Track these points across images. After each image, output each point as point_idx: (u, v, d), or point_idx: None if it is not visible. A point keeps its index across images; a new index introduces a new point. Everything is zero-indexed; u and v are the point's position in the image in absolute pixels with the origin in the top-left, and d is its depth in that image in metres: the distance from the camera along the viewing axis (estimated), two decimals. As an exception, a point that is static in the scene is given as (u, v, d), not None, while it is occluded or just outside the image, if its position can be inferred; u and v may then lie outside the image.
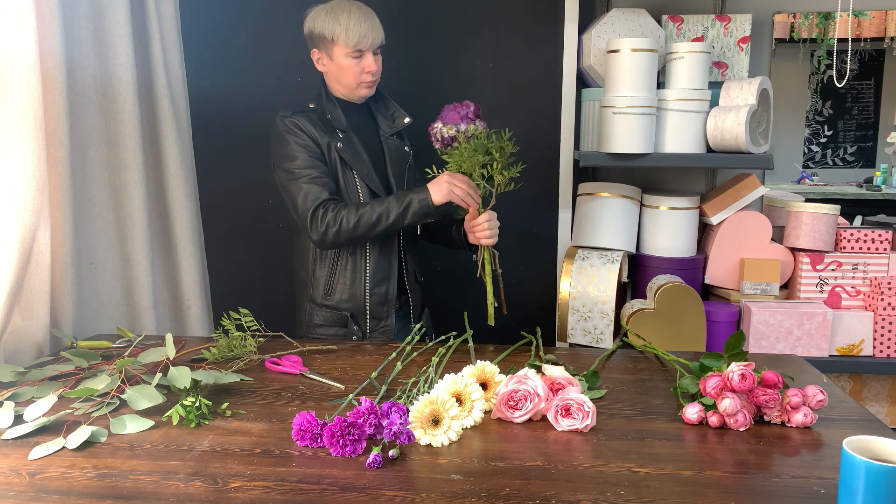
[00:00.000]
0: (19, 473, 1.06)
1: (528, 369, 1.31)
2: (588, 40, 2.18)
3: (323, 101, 1.85)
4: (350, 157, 1.82)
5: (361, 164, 1.83)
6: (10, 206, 1.49)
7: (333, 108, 1.85)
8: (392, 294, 1.89)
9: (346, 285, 1.86)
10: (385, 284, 1.88)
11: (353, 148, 1.84)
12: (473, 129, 1.69)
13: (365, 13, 1.80)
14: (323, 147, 1.81)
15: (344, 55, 1.80)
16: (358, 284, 1.86)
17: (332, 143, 1.81)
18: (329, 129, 1.83)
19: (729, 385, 1.22)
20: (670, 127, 2.07)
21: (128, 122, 1.86)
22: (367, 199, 1.81)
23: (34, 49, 1.49)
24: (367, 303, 1.87)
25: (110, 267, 1.90)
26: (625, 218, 2.20)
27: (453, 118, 1.69)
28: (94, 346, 1.64)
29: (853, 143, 2.38)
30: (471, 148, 1.67)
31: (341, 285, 1.87)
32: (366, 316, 1.88)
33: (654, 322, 2.01)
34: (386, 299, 1.89)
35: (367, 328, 1.88)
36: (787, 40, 2.32)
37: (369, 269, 1.86)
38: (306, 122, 1.81)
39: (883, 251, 2.13)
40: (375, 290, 1.87)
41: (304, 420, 1.15)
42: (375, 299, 1.87)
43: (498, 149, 1.67)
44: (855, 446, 0.92)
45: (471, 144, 1.68)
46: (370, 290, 1.86)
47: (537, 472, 1.07)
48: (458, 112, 1.69)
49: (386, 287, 1.88)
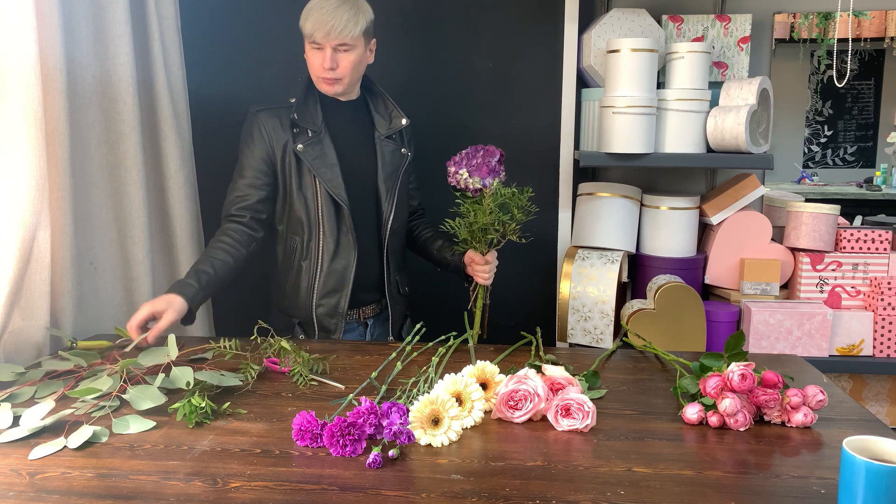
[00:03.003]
0: (19, 473, 1.06)
1: (528, 369, 1.31)
2: (588, 40, 2.18)
3: (301, 97, 1.81)
4: (312, 160, 1.77)
5: (325, 167, 1.78)
6: (10, 206, 1.49)
7: (313, 104, 1.80)
8: (343, 307, 1.82)
9: (297, 292, 1.83)
10: (336, 296, 1.82)
11: (321, 149, 1.78)
12: (498, 183, 1.67)
13: (333, 6, 1.70)
14: (277, 149, 1.78)
15: (307, 45, 1.77)
16: (307, 293, 1.82)
17: (293, 144, 1.77)
18: (297, 127, 1.79)
19: (729, 385, 1.22)
20: (670, 127, 2.07)
21: (128, 122, 1.86)
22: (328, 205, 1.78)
23: (34, 49, 1.49)
24: (314, 313, 1.83)
25: (110, 267, 1.90)
26: (625, 218, 2.19)
27: (481, 171, 1.64)
28: (94, 346, 1.64)
29: (853, 143, 2.38)
30: (493, 205, 1.66)
31: (292, 292, 1.84)
32: (314, 326, 1.84)
33: (654, 322, 2.01)
34: (335, 311, 1.82)
35: (315, 338, 1.83)
36: (787, 40, 2.32)
37: (320, 279, 1.81)
38: (271, 119, 1.78)
39: (883, 251, 2.13)
40: (324, 300, 1.82)
41: (304, 420, 1.15)
42: (323, 310, 1.82)
43: (519, 207, 1.67)
44: (855, 446, 0.92)
45: (494, 201, 1.66)
46: (318, 300, 1.82)
47: (537, 472, 1.07)
48: (486, 164, 1.64)
49: (337, 298, 1.82)
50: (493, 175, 1.65)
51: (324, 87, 1.79)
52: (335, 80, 1.77)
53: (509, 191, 1.67)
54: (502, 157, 1.70)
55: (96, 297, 1.86)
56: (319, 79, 1.78)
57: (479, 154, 1.66)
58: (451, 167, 1.69)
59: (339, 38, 1.71)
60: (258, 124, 1.79)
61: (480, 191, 1.67)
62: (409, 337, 1.60)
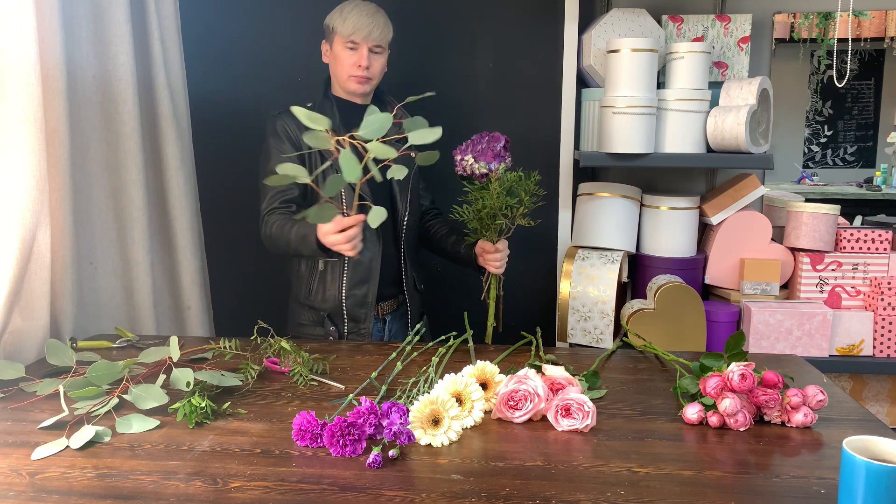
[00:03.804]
0: (19, 473, 1.06)
1: (528, 369, 1.31)
2: (588, 40, 2.18)
3: (320, 99, 1.87)
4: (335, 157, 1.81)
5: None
6: (10, 206, 1.49)
7: (329, 106, 1.86)
8: (371, 297, 1.88)
9: (325, 285, 1.87)
10: (364, 286, 1.87)
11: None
12: (504, 167, 1.67)
13: (371, 11, 1.82)
14: (303, 147, 1.80)
15: (341, 45, 1.82)
16: (336, 285, 1.86)
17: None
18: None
19: (729, 385, 1.22)
20: (670, 127, 2.07)
21: (128, 122, 1.86)
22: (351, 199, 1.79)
23: (34, 49, 1.49)
24: (343, 304, 1.87)
25: (110, 267, 1.90)
26: (625, 218, 2.19)
27: (486, 156, 1.64)
28: (94, 346, 1.64)
29: (853, 143, 2.38)
30: (500, 190, 1.66)
31: (320, 285, 1.87)
32: (343, 317, 1.88)
33: (654, 322, 2.01)
34: (364, 301, 1.88)
35: (344, 329, 1.88)
36: (787, 40, 2.32)
37: (348, 271, 1.86)
38: (291, 120, 1.81)
39: (883, 251, 2.13)
40: (353, 291, 1.86)
41: (304, 420, 1.15)
42: (352, 301, 1.87)
43: (527, 191, 1.67)
44: (855, 446, 0.92)
45: (501, 185, 1.66)
46: (347, 291, 1.86)
47: (537, 472, 1.07)
48: (491, 149, 1.65)
49: (365, 289, 1.87)
50: (498, 160, 1.65)
51: (354, 85, 1.85)
52: (367, 79, 1.85)
53: (515, 175, 1.67)
54: (507, 143, 1.70)
55: (96, 297, 1.86)
56: (351, 77, 1.84)
57: (484, 140, 1.68)
58: (457, 155, 1.70)
59: (378, 40, 1.83)
60: (283, 125, 1.83)
61: (487, 176, 1.66)
62: (410, 337, 1.60)
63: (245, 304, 2.46)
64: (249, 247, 2.50)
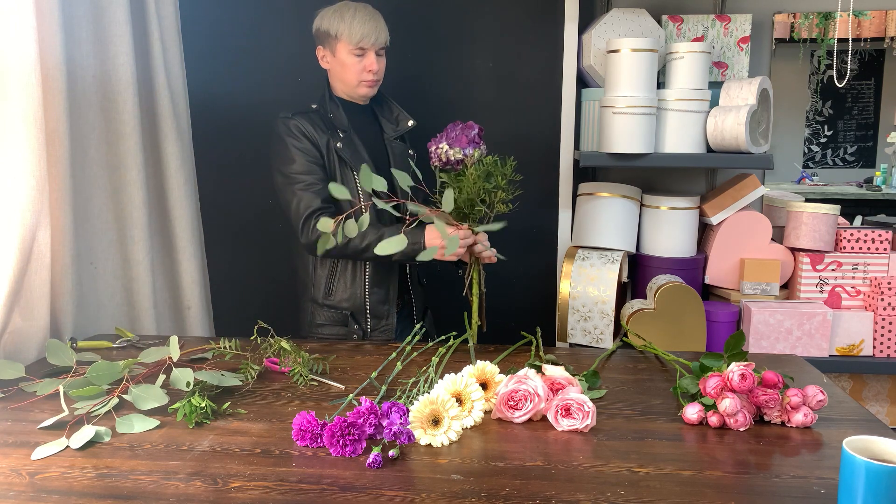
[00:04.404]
0: (19, 473, 1.06)
1: (528, 369, 1.31)
2: (588, 40, 2.18)
3: (325, 101, 1.87)
4: (350, 157, 1.83)
5: (362, 163, 1.83)
6: (10, 206, 1.49)
7: (335, 108, 1.86)
8: (393, 293, 1.90)
9: (347, 285, 1.88)
10: (386, 283, 1.89)
11: (354, 147, 1.85)
12: (479, 154, 1.66)
13: (370, 13, 1.83)
14: (322, 148, 1.82)
15: (347, 52, 1.82)
16: (358, 284, 1.87)
17: (332, 143, 1.82)
18: (330, 129, 1.83)
19: (729, 385, 1.22)
20: (670, 127, 2.07)
21: (128, 122, 1.86)
22: (366, 199, 1.81)
23: (34, 49, 1.49)
24: (367, 302, 1.88)
25: (110, 267, 1.90)
26: (625, 218, 2.19)
27: (461, 141, 1.64)
28: (94, 346, 1.64)
29: (853, 143, 2.38)
30: (477, 175, 1.64)
31: (341, 285, 1.88)
32: (366, 315, 1.89)
33: (654, 322, 2.01)
34: (387, 298, 1.89)
35: (367, 327, 1.89)
36: (787, 40, 2.32)
37: (369, 269, 1.87)
38: (306, 123, 1.82)
39: (883, 251, 2.13)
40: (375, 289, 1.88)
41: (304, 420, 1.15)
42: (376, 298, 1.88)
43: (503, 176, 1.66)
44: (855, 446, 0.92)
45: (477, 170, 1.65)
46: (370, 289, 1.87)
47: (537, 472, 1.07)
48: (465, 135, 1.65)
49: (387, 286, 1.89)
50: (472, 145, 1.65)
51: (364, 90, 1.86)
52: (376, 81, 1.86)
53: (491, 159, 1.66)
54: (482, 132, 1.69)
55: (96, 297, 1.86)
56: (361, 82, 1.85)
57: (458, 128, 1.67)
58: (432, 146, 1.68)
59: (383, 43, 1.85)
60: (297, 126, 1.82)
61: (462, 162, 1.65)
62: (410, 337, 1.60)
63: (245, 304, 2.46)
64: (249, 247, 2.51)
